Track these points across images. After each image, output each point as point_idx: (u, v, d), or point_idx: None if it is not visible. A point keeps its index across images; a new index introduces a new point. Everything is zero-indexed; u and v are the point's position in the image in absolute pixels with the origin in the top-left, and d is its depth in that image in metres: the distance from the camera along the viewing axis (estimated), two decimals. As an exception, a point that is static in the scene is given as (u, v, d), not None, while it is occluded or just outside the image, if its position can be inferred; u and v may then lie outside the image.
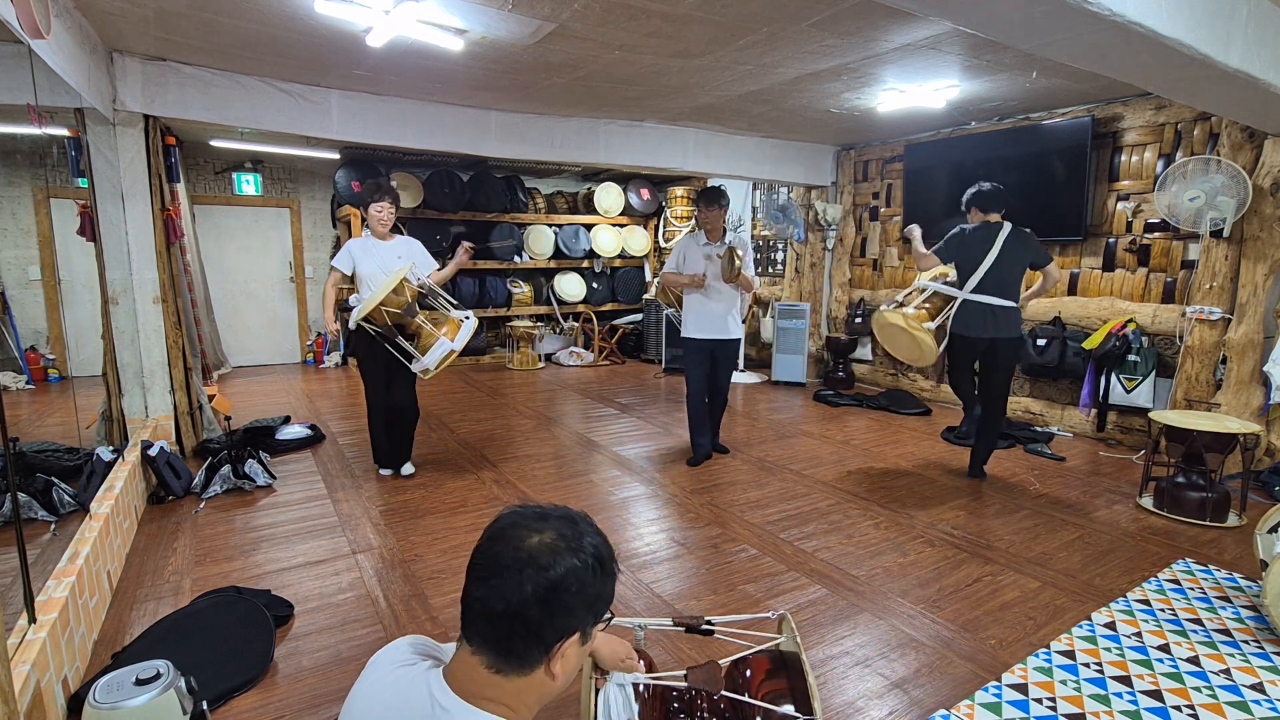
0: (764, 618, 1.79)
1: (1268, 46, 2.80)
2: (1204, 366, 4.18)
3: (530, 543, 0.92)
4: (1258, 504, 3.61)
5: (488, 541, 0.94)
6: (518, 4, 3.05)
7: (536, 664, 0.92)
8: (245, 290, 7.81)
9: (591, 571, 0.93)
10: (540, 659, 0.92)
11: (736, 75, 4.18)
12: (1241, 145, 3.99)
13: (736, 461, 4.27)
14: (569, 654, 0.93)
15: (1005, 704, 1.94)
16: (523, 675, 0.92)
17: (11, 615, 1.80)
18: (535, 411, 5.63)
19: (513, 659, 0.91)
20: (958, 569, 2.82)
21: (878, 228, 6.57)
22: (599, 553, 0.96)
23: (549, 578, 0.89)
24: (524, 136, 5.30)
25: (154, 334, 4.04)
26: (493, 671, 0.91)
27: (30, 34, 2.19)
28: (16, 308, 5.97)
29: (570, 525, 0.97)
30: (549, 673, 0.93)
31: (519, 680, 0.92)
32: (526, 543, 0.92)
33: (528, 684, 0.93)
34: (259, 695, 1.98)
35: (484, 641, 0.91)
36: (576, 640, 0.94)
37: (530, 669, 0.92)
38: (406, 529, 3.17)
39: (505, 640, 0.90)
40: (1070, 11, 2.08)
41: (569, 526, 0.96)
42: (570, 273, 8.69)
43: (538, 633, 0.90)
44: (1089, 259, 4.94)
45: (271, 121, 4.38)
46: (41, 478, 3.06)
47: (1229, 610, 2.49)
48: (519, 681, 0.92)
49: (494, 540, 0.94)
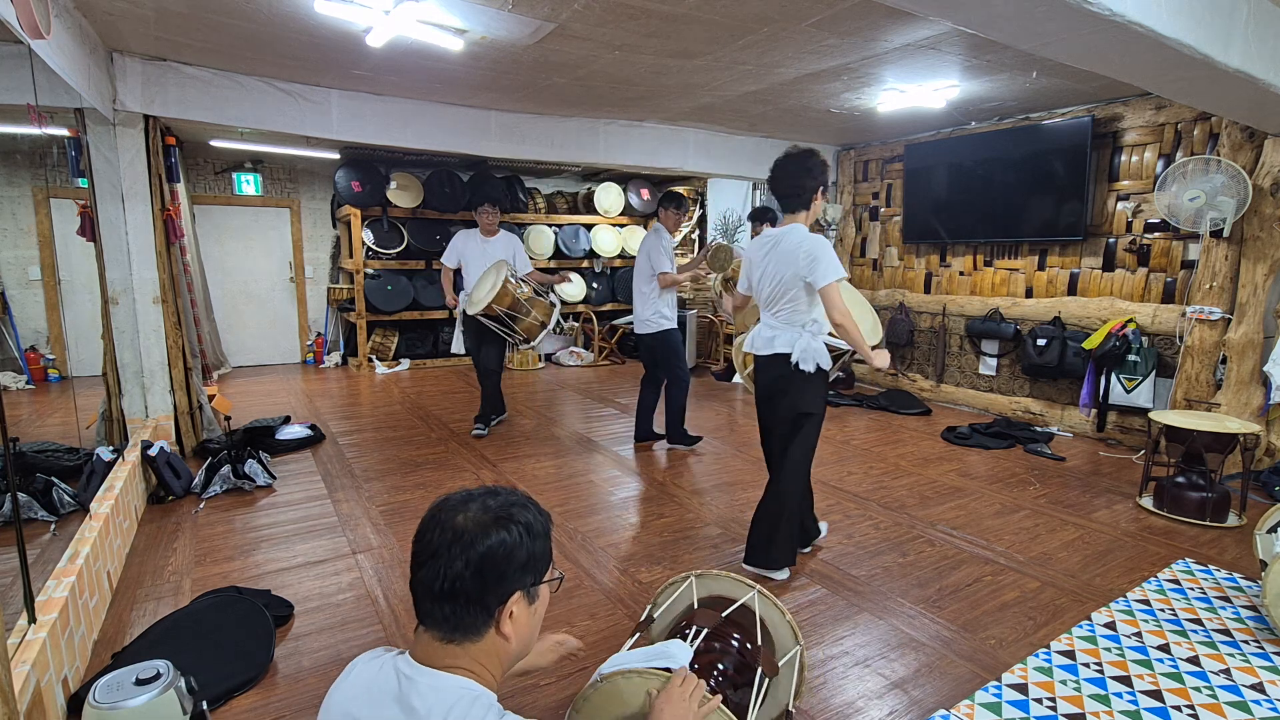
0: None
1: (1268, 46, 2.80)
2: (1204, 366, 4.18)
3: (456, 521, 1.00)
4: (1258, 504, 3.61)
5: (421, 529, 1.02)
6: (518, 4, 3.05)
7: (485, 629, 1.00)
8: (245, 290, 7.80)
9: (518, 537, 1.00)
10: (487, 624, 1.00)
11: (736, 75, 4.18)
12: (1241, 145, 3.98)
13: (737, 462, 4.27)
14: (517, 614, 1.01)
15: (1005, 704, 1.94)
16: (475, 641, 0.99)
17: (11, 615, 1.80)
18: (535, 411, 5.63)
19: (462, 629, 0.98)
20: (958, 569, 2.82)
21: (878, 228, 6.57)
22: (525, 520, 1.03)
23: (478, 551, 0.97)
24: (524, 136, 5.30)
25: (154, 334, 4.04)
26: (446, 642, 0.99)
27: (30, 34, 2.19)
28: (16, 308, 5.97)
29: (493, 497, 1.04)
30: (501, 634, 1.01)
31: (473, 646, 0.99)
32: (453, 523, 1.00)
33: (482, 648, 1.00)
34: (259, 695, 1.98)
35: (434, 620, 0.99)
36: (520, 600, 1.01)
37: (480, 634, 1.00)
38: (406, 529, 3.17)
39: (451, 614, 0.97)
40: (1070, 11, 2.08)
41: (492, 498, 1.04)
42: (570, 273, 8.68)
43: (478, 600, 0.98)
44: (1089, 259, 4.94)
45: (271, 121, 4.38)
46: (41, 478, 3.05)
47: (1229, 610, 2.49)
48: (473, 648, 0.99)
49: (426, 527, 1.02)
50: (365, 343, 7.43)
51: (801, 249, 2.50)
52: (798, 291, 2.55)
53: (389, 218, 7.45)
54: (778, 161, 2.62)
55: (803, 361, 2.53)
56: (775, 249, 2.60)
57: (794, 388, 2.58)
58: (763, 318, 2.72)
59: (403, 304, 7.49)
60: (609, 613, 2.43)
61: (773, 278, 2.61)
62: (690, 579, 1.80)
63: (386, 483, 3.81)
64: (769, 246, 2.64)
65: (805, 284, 2.52)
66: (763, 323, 2.71)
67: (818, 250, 2.47)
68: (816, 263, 2.46)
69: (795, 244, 2.53)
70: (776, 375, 2.62)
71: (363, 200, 7.18)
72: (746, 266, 2.80)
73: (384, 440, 4.67)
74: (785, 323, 2.61)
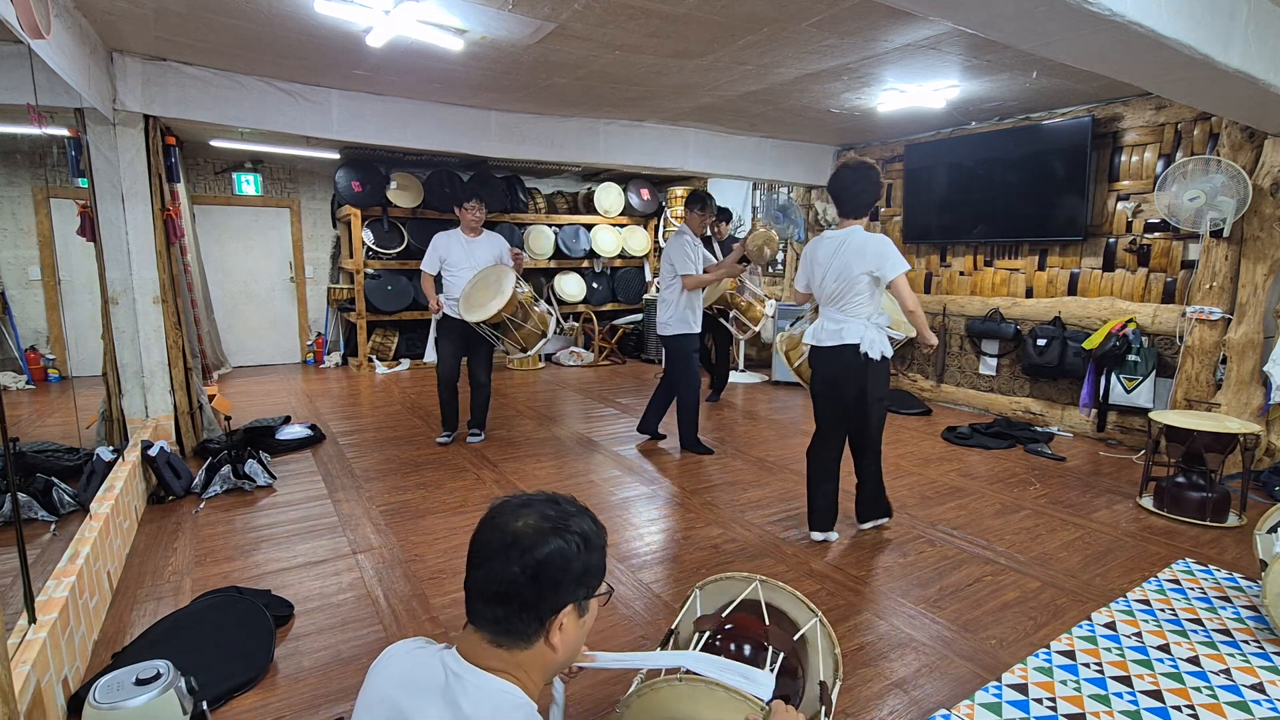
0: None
1: (1268, 46, 2.80)
2: (1204, 366, 4.18)
3: (515, 527, 0.99)
4: (1258, 504, 3.61)
5: (479, 531, 1.01)
6: (518, 4, 3.05)
7: (535, 637, 0.99)
8: (245, 290, 7.80)
9: (575, 548, 0.99)
10: (538, 632, 0.99)
11: (736, 75, 4.18)
12: (1241, 145, 3.98)
13: (737, 461, 4.27)
14: (567, 626, 1.01)
15: (1005, 704, 1.94)
16: (523, 649, 0.98)
17: (11, 615, 1.80)
18: (535, 411, 5.63)
19: (512, 634, 0.97)
20: (958, 569, 2.82)
21: (878, 228, 6.57)
22: (582, 530, 1.02)
23: (535, 557, 0.96)
24: (524, 136, 5.30)
25: (154, 334, 4.04)
26: (495, 645, 0.98)
27: (30, 34, 2.19)
28: (16, 308, 5.97)
29: (553, 506, 1.03)
30: (549, 644, 1.00)
31: (520, 654, 0.99)
32: (512, 527, 0.98)
33: (529, 656, 0.99)
34: (259, 695, 1.97)
35: (485, 621, 0.98)
36: (572, 613, 1.01)
37: (530, 642, 0.99)
38: (406, 529, 3.17)
39: (503, 618, 0.97)
40: (1070, 11, 2.08)
41: (552, 508, 1.03)
42: (570, 273, 8.69)
43: (532, 608, 0.97)
44: (1089, 259, 4.94)
45: (271, 121, 4.38)
46: (41, 478, 3.06)
47: (1229, 610, 2.49)
48: (520, 655, 0.99)
49: (484, 529, 1.01)
50: (365, 343, 7.43)
51: (869, 246, 2.76)
52: (863, 286, 2.79)
53: (389, 218, 7.45)
54: (841, 171, 2.84)
55: (870, 350, 2.79)
56: (842, 248, 2.82)
57: (862, 375, 2.83)
58: (824, 312, 2.94)
59: (403, 304, 7.49)
60: (609, 612, 2.43)
61: (839, 274, 2.82)
62: (695, 593, 1.77)
63: (387, 483, 3.81)
64: (835, 246, 2.85)
65: (872, 279, 2.77)
66: (825, 317, 2.92)
67: (885, 248, 2.75)
68: (885, 258, 2.73)
69: (862, 242, 2.78)
70: (844, 364, 2.84)
71: (363, 200, 7.18)
72: (807, 265, 3.00)
73: (384, 440, 4.67)
74: (849, 315, 2.84)
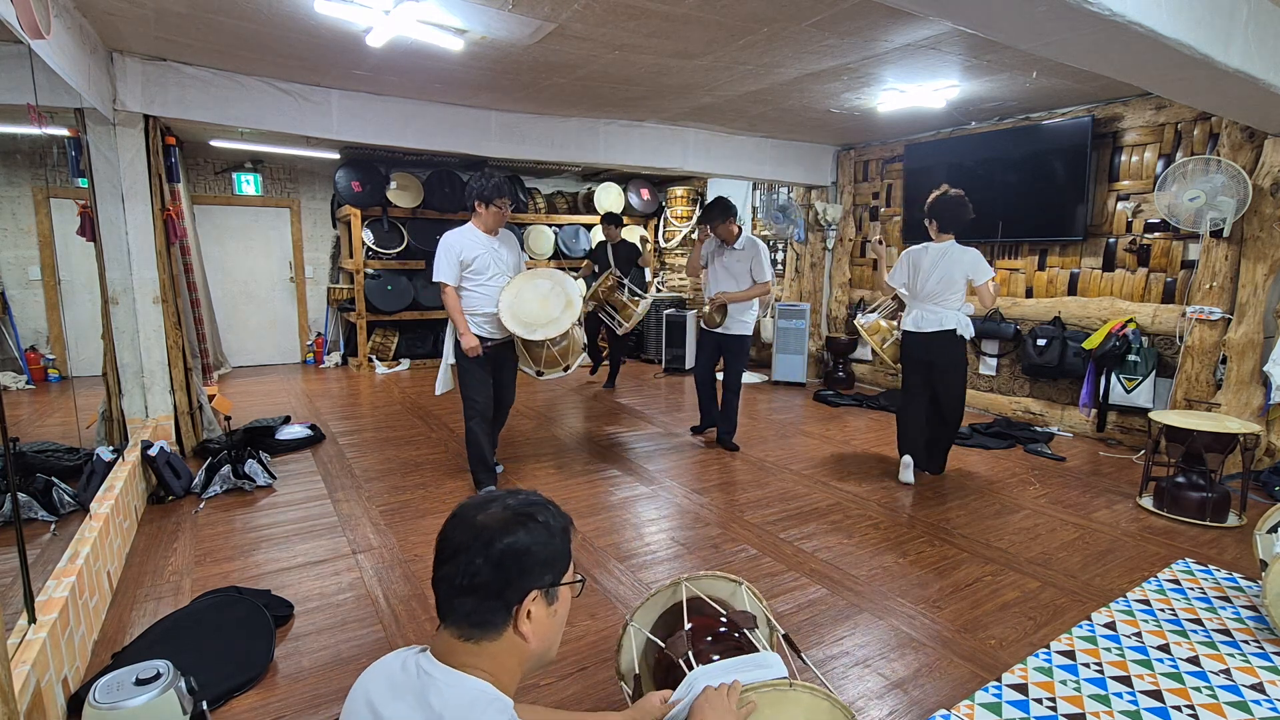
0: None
1: (1268, 46, 2.80)
2: (1204, 366, 4.18)
3: (477, 520, 1.01)
4: (1258, 504, 3.61)
5: (445, 528, 1.04)
6: (518, 4, 3.05)
7: (504, 626, 1.00)
8: (245, 290, 7.80)
9: (537, 535, 1.02)
10: (505, 621, 1.00)
11: (736, 75, 4.18)
12: (1241, 145, 3.98)
13: (736, 461, 4.27)
14: (535, 614, 1.02)
15: (1005, 704, 1.94)
16: (493, 640, 1.00)
17: (11, 615, 1.80)
18: (535, 411, 5.63)
19: (480, 626, 0.99)
20: (958, 569, 2.82)
21: (878, 228, 6.57)
22: (544, 518, 1.04)
23: (498, 548, 0.98)
24: (524, 136, 5.30)
25: (154, 334, 4.04)
26: (465, 640, 0.99)
27: (30, 34, 2.19)
28: (16, 308, 5.97)
29: (513, 497, 1.06)
30: (518, 633, 1.01)
31: (491, 645, 1.00)
32: (476, 520, 1.01)
33: (500, 648, 1.01)
34: (259, 695, 1.97)
35: (455, 616, 1.00)
36: (539, 599, 1.02)
37: (499, 631, 1.00)
38: (406, 529, 3.17)
39: (472, 611, 0.99)
40: (1070, 11, 2.08)
41: (512, 498, 1.06)
42: (570, 273, 8.67)
43: (498, 595, 0.99)
44: (1089, 259, 4.94)
45: (271, 121, 4.38)
46: (41, 478, 3.05)
47: (1229, 610, 2.49)
48: (492, 646, 1.00)
49: (449, 526, 1.03)
50: (365, 343, 7.43)
51: (967, 257, 3.63)
52: (960, 286, 3.65)
53: (389, 218, 7.45)
54: (942, 200, 3.67)
55: (966, 332, 3.70)
56: (944, 257, 3.66)
57: (958, 350, 3.73)
58: (921, 305, 3.75)
59: (403, 304, 7.49)
60: (609, 612, 2.43)
61: (941, 277, 3.65)
62: (628, 629, 1.72)
63: (386, 483, 3.81)
64: (938, 256, 3.68)
65: (967, 281, 3.63)
66: (922, 309, 3.74)
67: (979, 259, 3.63)
68: (979, 267, 3.61)
69: (961, 253, 3.64)
70: (945, 343, 3.70)
71: (363, 200, 7.18)
72: (909, 268, 3.79)
73: (384, 440, 4.67)
74: (945, 307, 3.68)
